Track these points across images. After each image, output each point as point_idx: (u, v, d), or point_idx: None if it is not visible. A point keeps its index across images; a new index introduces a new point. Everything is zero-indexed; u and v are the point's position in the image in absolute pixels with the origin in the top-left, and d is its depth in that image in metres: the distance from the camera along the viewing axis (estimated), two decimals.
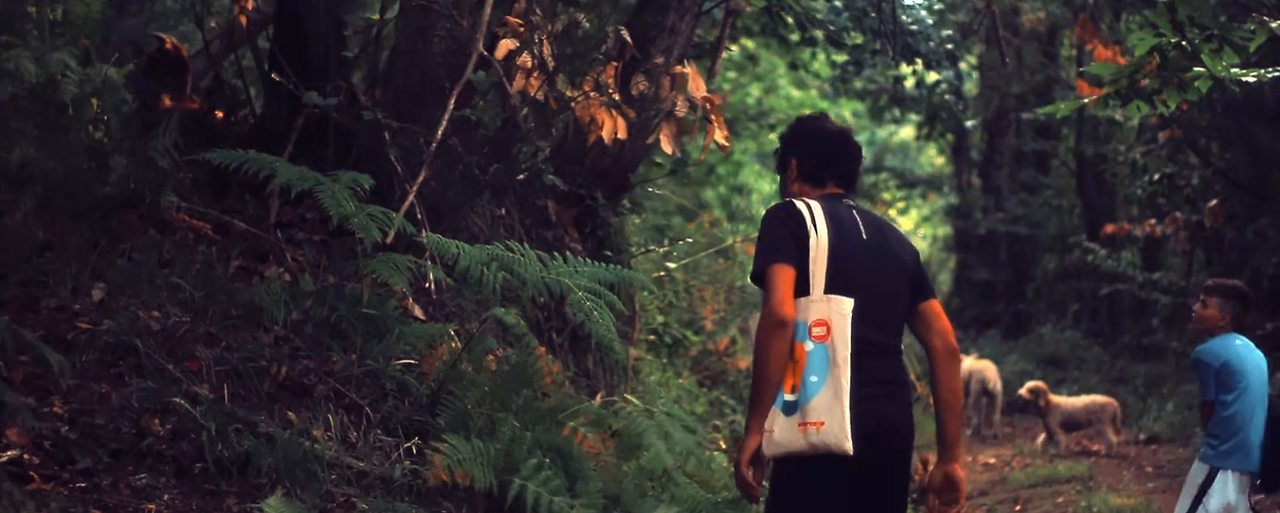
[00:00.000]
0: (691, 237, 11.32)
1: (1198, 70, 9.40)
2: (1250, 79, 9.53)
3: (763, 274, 4.90)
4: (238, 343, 6.59)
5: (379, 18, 7.81)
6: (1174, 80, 9.68)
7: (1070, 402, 16.58)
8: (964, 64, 21.74)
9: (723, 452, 8.45)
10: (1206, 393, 7.81)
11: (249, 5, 8.03)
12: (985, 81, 29.49)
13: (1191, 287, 20.53)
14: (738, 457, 4.92)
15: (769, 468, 4.96)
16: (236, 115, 8.41)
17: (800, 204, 5.04)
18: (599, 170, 8.62)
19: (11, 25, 8.04)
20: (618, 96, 7.61)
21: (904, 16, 14.53)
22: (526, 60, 7.37)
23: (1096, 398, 16.57)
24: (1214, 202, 18.43)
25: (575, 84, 7.67)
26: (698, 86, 7.82)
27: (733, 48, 23.47)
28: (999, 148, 30.36)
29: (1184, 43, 9.36)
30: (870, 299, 4.95)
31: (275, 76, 7.84)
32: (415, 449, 6.27)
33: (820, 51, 16.04)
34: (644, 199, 16.35)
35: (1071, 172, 27.57)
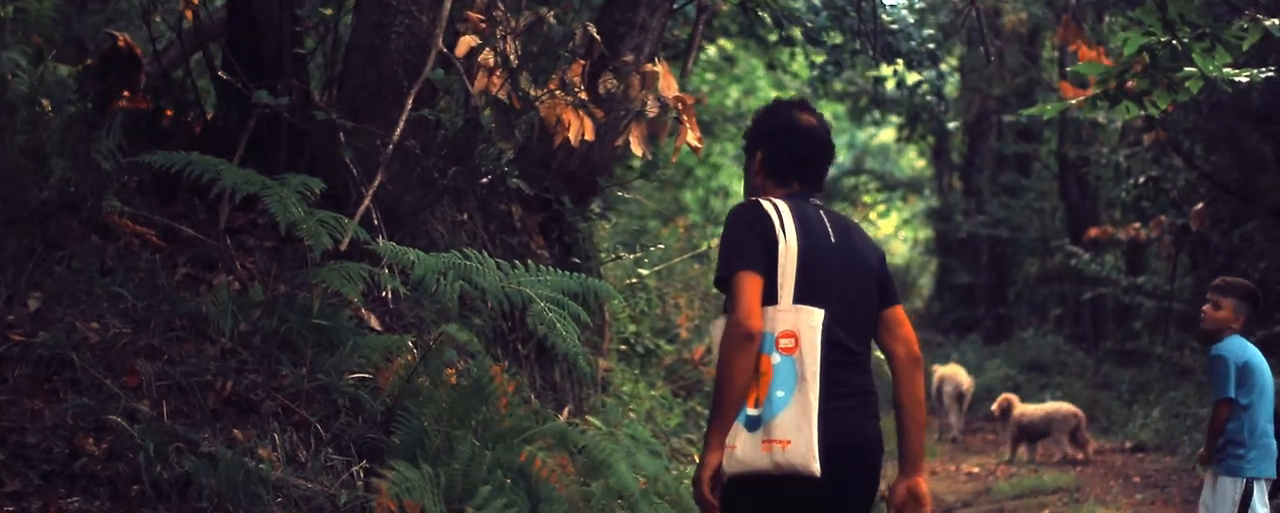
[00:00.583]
0: (666, 242, 10.95)
1: (1189, 70, 9.15)
2: (1243, 79, 9.30)
3: (728, 281, 4.60)
4: (181, 356, 6.26)
5: (331, 12, 7.42)
6: (1164, 80, 9.41)
7: (1031, 410, 16.16)
8: (945, 65, 21.47)
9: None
10: (1224, 390, 7.51)
11: (196, 0, 7.64)
12: (966, 83, 29.47)
13: (1176, 291, 20.43)
14: (697, 474, 4.62)
15: (727, 485, 4.63)
16: (186, 115, 8.01)
17: (768, 205, 4.71)
18: (566, 173, 8.24)
19: None
20: (585, 96, 7.26)
21: (884, 16, 14.22)
22: (488, 58, 7.01)
23: (1060, 406, 16.19)
24: (1199, 205, 18.29)
25: (540, 83, 7.30)
26: (669, 85, 7.47)
27: (710, 48, 23.24)
28: (980, 150, 30.34)
29: (1175, 41, 9.11)
30: (840, 308, 4.69)
31: (223, 74, 7.48)
32: (361, 473, 5.92)
33: (799, 52, 15.70)
34: (618, 203, 16.08)
35: (1053, 174, 27.55)
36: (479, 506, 5.36)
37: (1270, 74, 9.82)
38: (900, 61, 14.97)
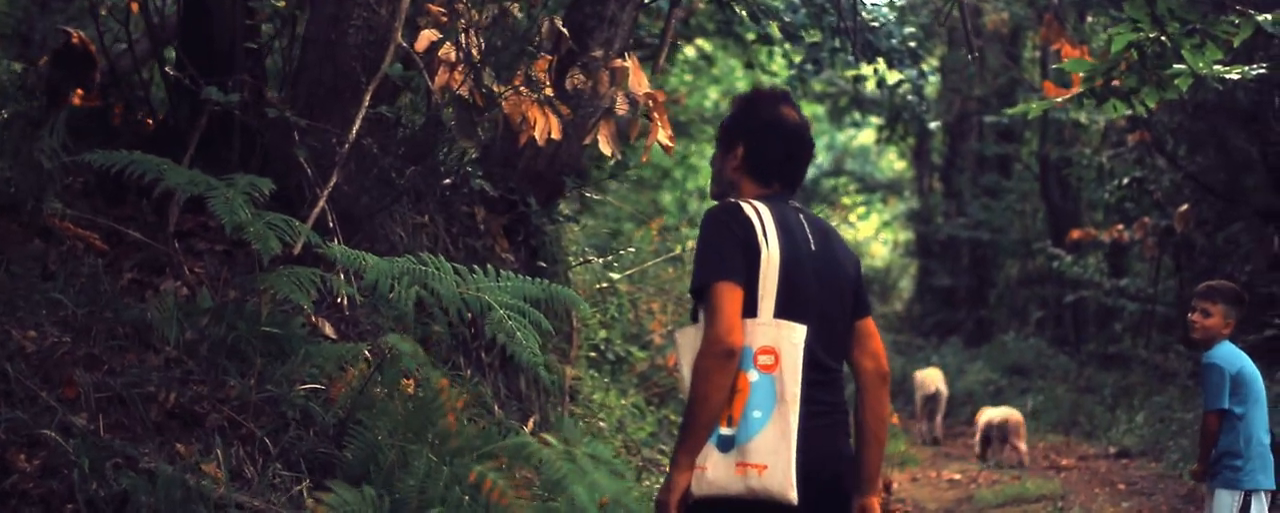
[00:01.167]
0: (639, 245, 10.61)
1: (1178, 68, 8.89)
2: (1234, 76, 9.05)
3: (705, 290, 4.25)
4: (123, 366, 5.91)
5: (285, 3, 7.08)
6: (1153, 78, 9.15)
7: (988, 414, 16.44)
8: (926, 65, 21.25)
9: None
10: (1217, 401, 7.23)
11: None
12: (947, 84, 29.29)
13: (1159, 294, 20.26)
14: (663, 497, 4.27)
15: (693, 507, 4.30)
16: (138, 114, 7.66)
17: (748, 208, 4.36)
18: (532, 174, 7.90)
19: None
20: (551, 93, 6.93)
21: (864, 14, 13.93)
22: (449, 53, 6.68)
23: (1001, 410, 16.48)
24: (1184, 207, 18.11)
25: (505, 79, 6.96)
26: (639, 82, 7.13)
27: (688, 49, 22.95)
28: (961, 151, 30.18)
29: (1164, 38, 8.85)
30: (821, 323, 4.38)
31: (169, 70, 7.14)
32: (309, 491, 5.59)
33: (777, 50, 15.40)
34: (593, 205, 15.76)
35: (1035, 176, 27.34)
36: None
37: (1262, 71, 9.58)
38: (881, 60, 14.67)
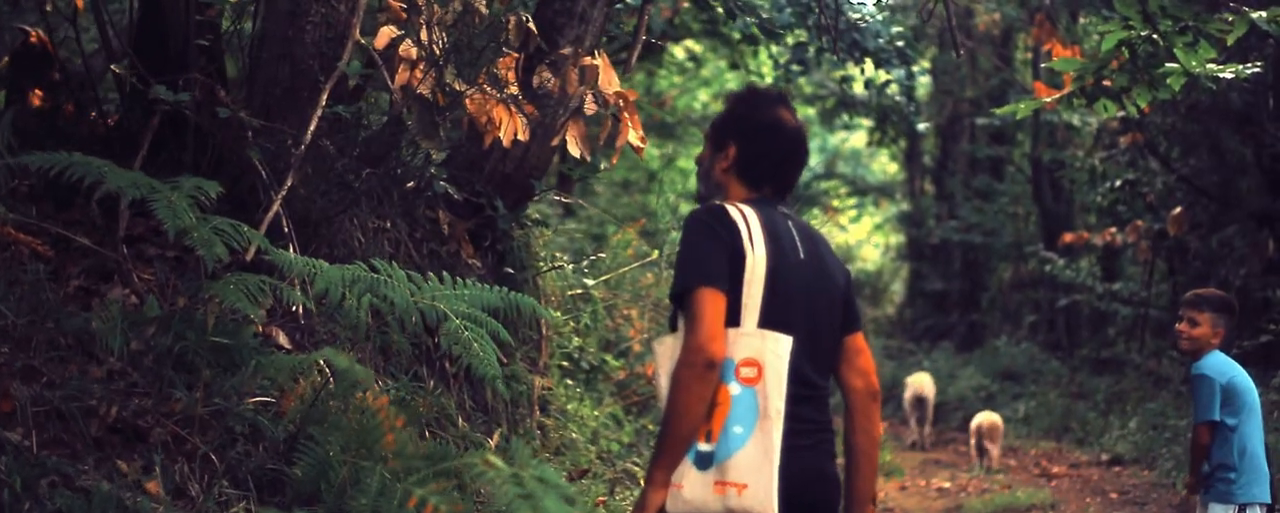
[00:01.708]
0: (617, 249, 10.30)
1: (1171, 66, 8.62)
2: (1227, 75, 8.77)
3: (686, 297, 3.99)
4: (63, 378, 5.61)
5: None
6: (1144, 77, 8.88)
7: (977, 419, 16.41)
8: (916, 67, 21.00)
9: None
10: (1207, 413, 6.94)
11: None
12: (939, 86, 29.09)
13: (1152, 298, 20.06)
14: None
15: None
16: (88, 114, 7.36)
17: (734, 212, 4.11)
18: (500, 177, 7.59)
19: None
20: (513, 89, 6.63)
21: (851, 13, 13.66)
22: (410, 50, 6.39)
23: (983, 415, 16.49)
24: (1177, 209, 17.85)
25: (469, 78, 6.66)
26: (609, 80, 6.84)
27: (677, 50, 22.69)
28: (952, 154, 29.98)
29: (1156, 36, 8.58)
30: (809, 335, 4.13)
31: (116, 68, 6.84)
32: (255, 509, 5.30)
33: (762, 50, 15.14)
34: (578, 209, 15.49)
35: (1027, 178, 27.13)
36: None
37: (1257, 70, 9.33)
38: (868, 60, 14.40)
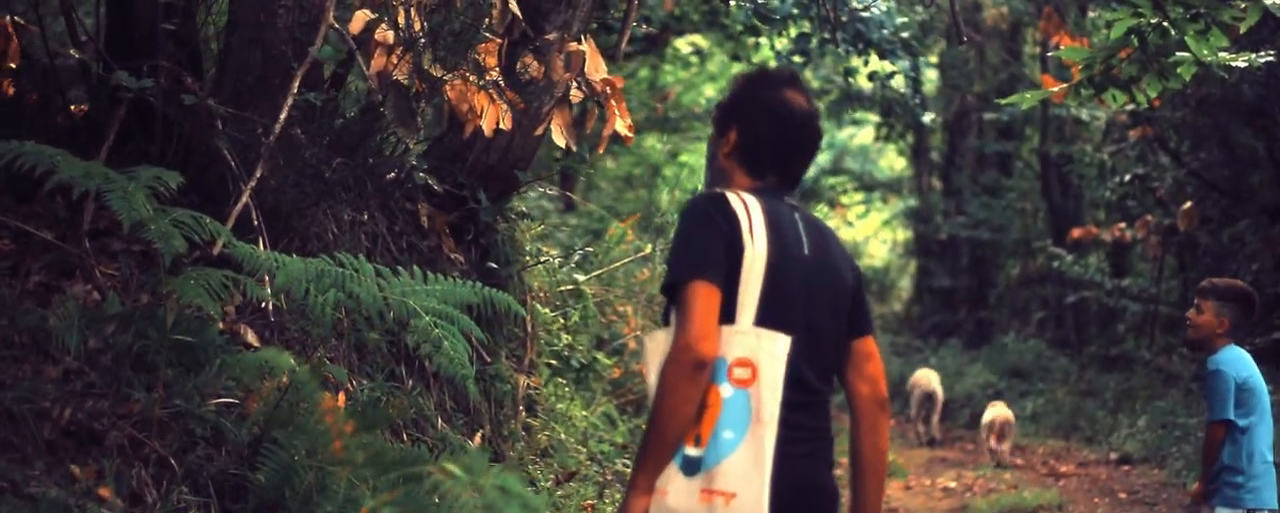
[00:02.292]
0: (610, 243, 10.00)
1: (1182, 55, 8.33)
2: (1240, 64, 8.49)
3: (678, 289, 3.72)
4: (15, 379, 5.33)
5: None
6: (1154, 66, 8.59)
7: (988, 413, 16.32)
8: (924, 59, 20.74)
9: None
10: (1222, 411, 6.62)
11: None
12: (946, 81, 28.81)
13: (1162, 294, 19.83)
14: None
15: None
16: (53, 103, 7.07)
17: (735, 200, 3.84)
18: (483, 168, 7.29)
19: None
20: (495, 76, 6.34)
21: (855, 3, 13.37)
22: (386, 35, 6.10)
23: (995, 409, 16.34)
24: (1187, 204, 17.64)
25: (450, 64, 6.37)
26: (596, 67, 6.56)
27: (681, 43, 22.42)
28: (960, 149, 29.71)
29: (1166, 23, 8.30)
30: (809, 336, 3.86)
31: (75, 53, 6.56)
32: None
33: (764, 42, 14.85)
34: (580, 204, 15.22)
35: (1035, 173, 26.86)
36: None
37: (1270, 59, 9.03)
38: (873, 51, 14.12)
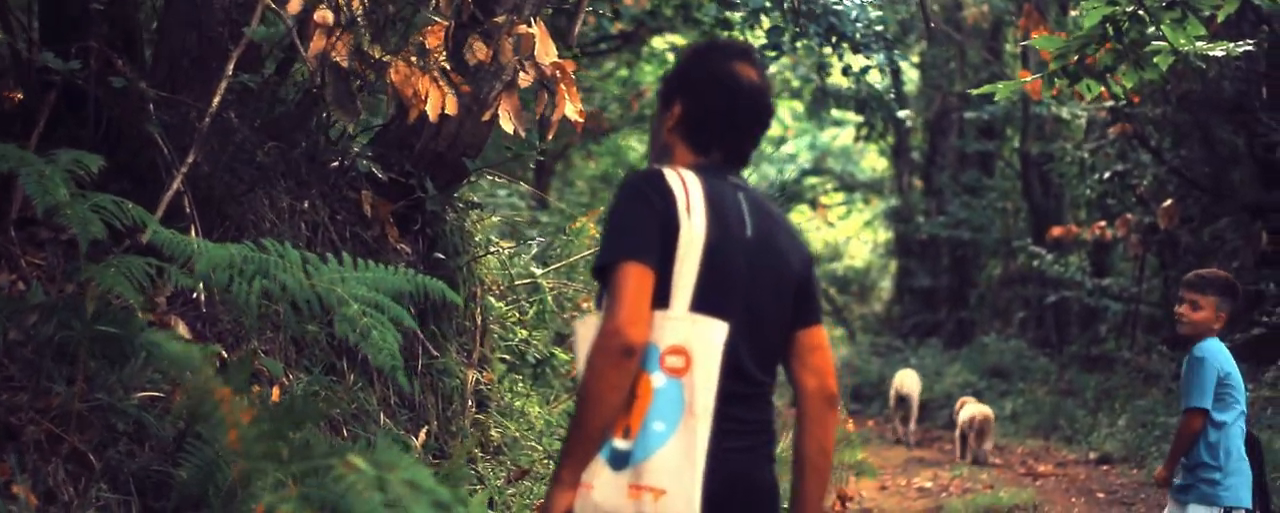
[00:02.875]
0: (572, 237, 9.75)
1: (1158, 44, 8.12)
2: (1218, 53, 8.28)
3: (609, 270, 3.50)
4: None
5: None
6: (1130, 55, 8.37)
7: (968, 411, 16.23)
8: (902, 58, 20.57)
9: None
10: (1201, 398, 6.43)
11: None
12: (927, 80, 28.70)
13: (1143, 293, 19.71)
14: None
15: None
16: None
17: (673, 177, 3.60)
18: (432, 155, 7.03)
19: None
20: (440, 59, 6.09)
21: None
22: (326, 16, 5.86)
23: (977, 407, 16.26)
24: (1168, 202, 17.51)
25: (394, 47, 6.12)
26: (546, 51, 6.31)
27: (659, 41, 22.20)
28: (941, 148, 29.63)
29: (1141, 11, 8.09)
30: (749, 323, 3.63)
31: (3, 36, 6.31)
32: None
33: (737, 35, 14.64)
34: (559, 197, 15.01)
35: (1016, 172, 26.75)
36: None
37: (1249, 48, 8.82)
38: (846, 46, 13.90)
